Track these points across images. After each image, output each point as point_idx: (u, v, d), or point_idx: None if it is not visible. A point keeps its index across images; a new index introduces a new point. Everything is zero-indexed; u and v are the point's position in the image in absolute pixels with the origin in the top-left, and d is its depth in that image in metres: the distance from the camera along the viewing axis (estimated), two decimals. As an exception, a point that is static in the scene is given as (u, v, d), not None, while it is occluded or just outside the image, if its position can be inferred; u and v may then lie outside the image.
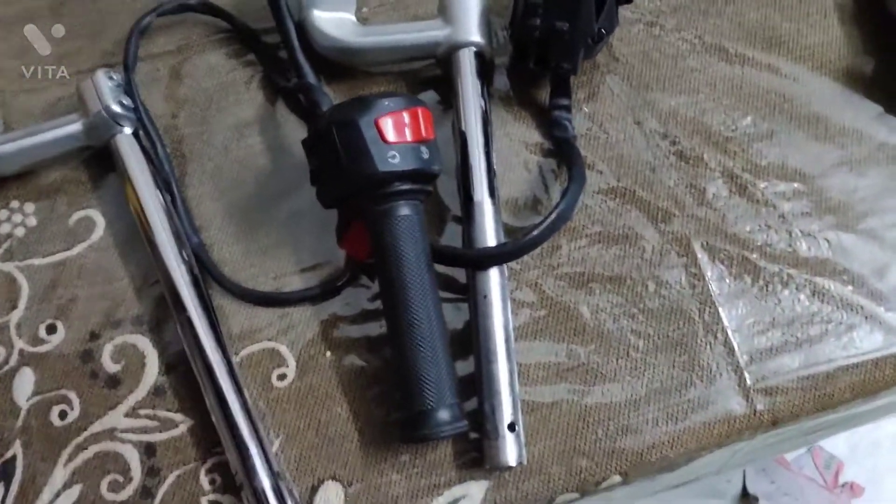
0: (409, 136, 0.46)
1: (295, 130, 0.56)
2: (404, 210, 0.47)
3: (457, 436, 0.48)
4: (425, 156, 0.47)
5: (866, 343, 0.49)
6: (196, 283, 0.50)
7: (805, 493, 1.34)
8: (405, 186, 0.46)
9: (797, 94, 0.56)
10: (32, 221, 0.53)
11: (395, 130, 0.45)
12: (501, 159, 0.55)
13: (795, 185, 0.53)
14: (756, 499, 1.33)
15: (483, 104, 0.53)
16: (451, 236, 0.53)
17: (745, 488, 1.34)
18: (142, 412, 0.49)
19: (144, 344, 0.50)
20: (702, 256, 0.52)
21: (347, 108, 0.46)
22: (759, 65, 0.57)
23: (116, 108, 0.51)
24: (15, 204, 0.54)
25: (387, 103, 0.46)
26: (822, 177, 0.54)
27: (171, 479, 0.48)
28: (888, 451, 1.38)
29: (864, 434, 1.38)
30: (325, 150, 0.47)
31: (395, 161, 0.45)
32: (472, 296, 0.49)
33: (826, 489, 1.35)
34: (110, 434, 0.49)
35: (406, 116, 0.46)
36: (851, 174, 0.54)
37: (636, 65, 0.57)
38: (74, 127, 0.52)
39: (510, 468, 0.47)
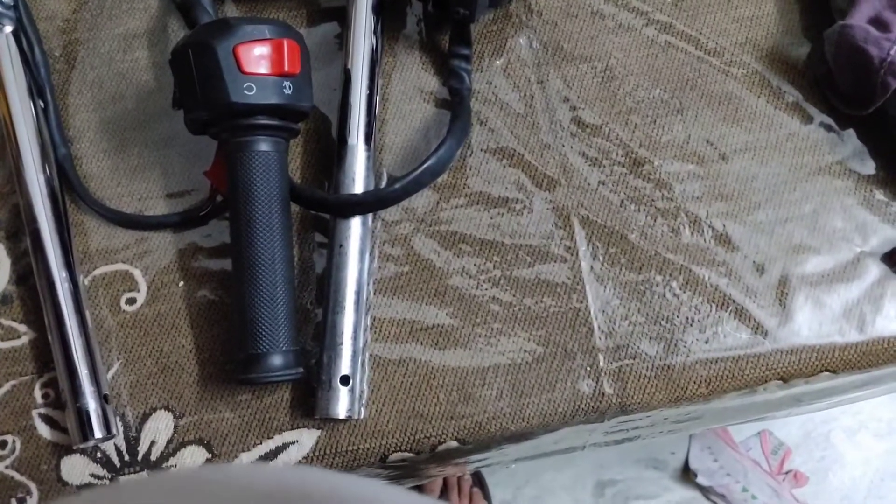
0: (268, 69, 0.43)
1: (184, 49, 0.53)
2: (262, 146, 0.45)
3: (295, 383, 0.47)
4: (288, 91, 0.44)
5: (730, 340, 0.47)
6: (53, 197, 0.48)
7: (748, 475, 1.34)
8: (262, 121, 0.44)
9: (713, 70, 0.52)
10: None
11: (254, 61, 0.43)
12: (394, 105, 0.52)
13: (692, 166, 0.51)
14: (695, 474, 1.33)
15: (374, 42, 0.50)
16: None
17: (687, 462, 1.35)
18: (-14, 319, 0.48)
19: (-2, 251, 0.50)
20: (579, 231, 0.49)
21: (207, 32, 0.44)
22: (680, 34, 0.53)
23: (-9, 5, 0.49)
24: None
25: (250, 30, 0.43)
26: (721, 161, 0.51)
27: (5, 388, 0.47)
28: (840, 444, 1.37)
29: (819, 424, 1.38)
30: (184, 73, 0.44)
31: (251, 93, 0.43)
32: (329, 243, 0.48)
33: (770, 475, 1.35)
34: (-48, 337, 0.48)
35: (268, 47, 0.43)
36: (753, 161, 0.51)
37: (551, 19, 0.53)
38: (-54, 19, 0.50)
39: (342, 421, 0.46)
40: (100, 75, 0.53)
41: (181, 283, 0.49)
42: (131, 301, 0.49)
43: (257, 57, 0.43)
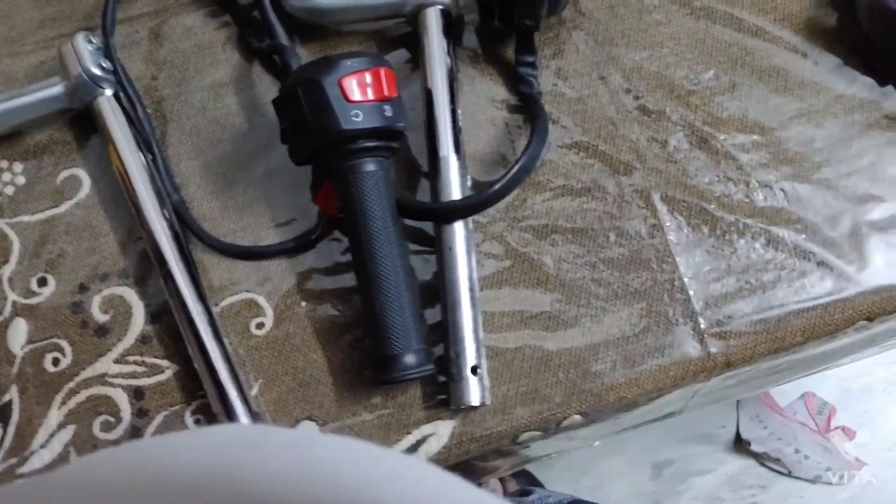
0: (371, 95, 0.48)
1: (269, 91, 0.57)
2: (369, 166, 0.49)
3: (425, 379, 0.51)
4: (388, 114, 0.49)
5: (817, 289, 0.52)
6: (177, 239, 0.52)
7: (798, 437, 1.37)
8: (369, 143, 0.48)
9: (759, 47, 0.57)
10: (21, 180, 0.56)
11: (357, 90, 0.47)
12: (468, 116, 0.56)
13: (754, 136, 0.55)
14: (749, 443, 1.36)
15: (449, 61, 0.54)
16: (424, 191, 0.55)
17: (738, 434, 1.38)
18: (130, 359, 0.52)
19: (130, 295, 0.53)
20: (661, 208, 0.54)
21: (312, 69, 0.48)
22: (723, 18, 0.58)
23: (96, 71, 0.53)
24: (4, 164, 0.56)
25: (350, 63, 0.48)
26: (780, 128, 0.55)
27: (158, 419, 0.51)
28: (880, 395, 1.41)
29: (855, 379, 1.41)
30: (293, 109, 0.49)
31: (358, 119, 0.47)
32: (437, 248, 0.52)
33: (818, 433, 1.38)
34: (101, 379, 0.52)
35: (368, 76, 0.48)
36: (809, 125, 0.55)
37: (601, 19, 0.58)
38: (56, 89, 0.54)
39: (474, 408, 0.50)
40: (195, 124, 0.57)
41: (303, 304, 0.53)
42: (260, 325, 0.53)
43: (361, 86, 0.47)
